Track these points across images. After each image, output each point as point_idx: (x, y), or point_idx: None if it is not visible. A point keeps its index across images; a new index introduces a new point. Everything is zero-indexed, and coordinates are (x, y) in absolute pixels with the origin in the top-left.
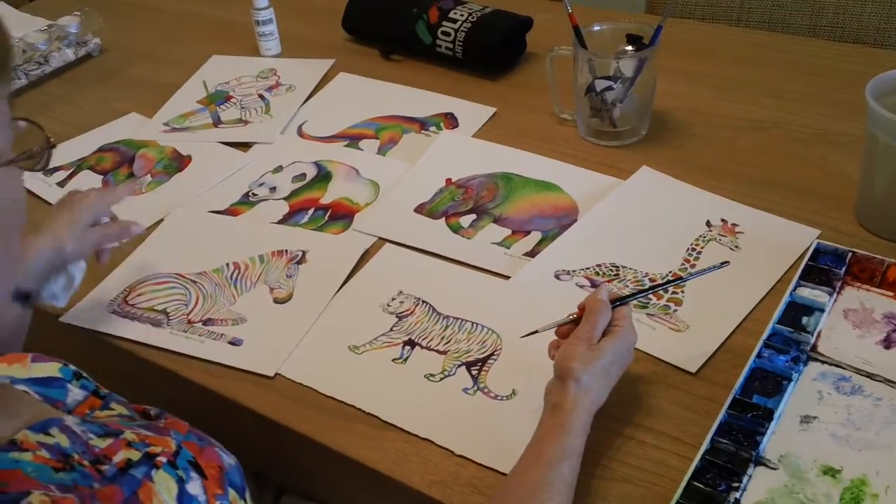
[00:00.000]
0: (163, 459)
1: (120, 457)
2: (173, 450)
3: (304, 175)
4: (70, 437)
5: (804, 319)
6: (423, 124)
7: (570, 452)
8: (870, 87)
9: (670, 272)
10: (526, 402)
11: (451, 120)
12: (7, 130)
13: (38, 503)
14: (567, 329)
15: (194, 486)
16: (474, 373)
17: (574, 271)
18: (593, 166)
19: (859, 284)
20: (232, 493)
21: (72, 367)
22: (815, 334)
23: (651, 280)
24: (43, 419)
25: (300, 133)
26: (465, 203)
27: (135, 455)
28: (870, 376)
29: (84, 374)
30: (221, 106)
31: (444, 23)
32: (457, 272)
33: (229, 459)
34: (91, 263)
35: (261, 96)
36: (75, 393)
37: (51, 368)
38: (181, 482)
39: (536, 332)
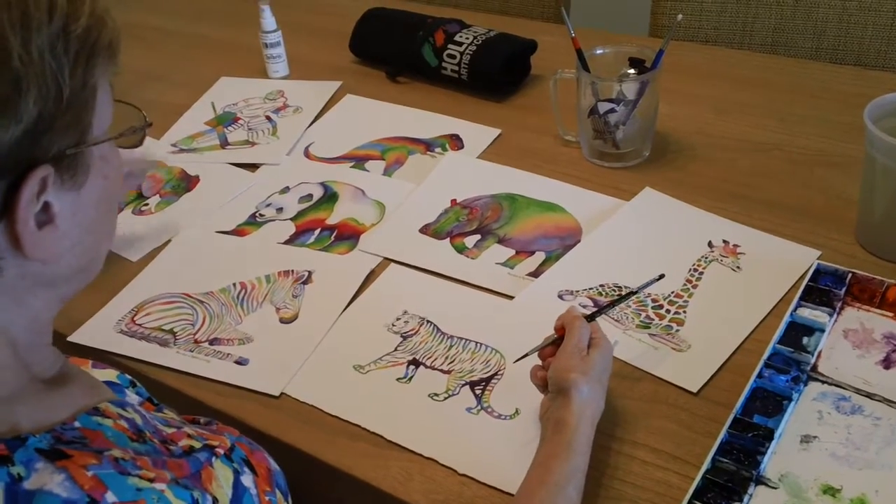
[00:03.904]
0: (220, 451)
1: (183, 442)
2: (228, 445)
3: (310, 196)
4: (142, 418)
5: (805, 339)
6: (428, 146)
7: (577, 472)
8: (868, 110)
9: (672, 292)
10: (529, 421)
11: (456, 141)
12: (110, 110)
13: (119, 455)
14: (548, 351)
15: (247, 480)
16: (478, 392)
17: (577, 291)
18: (597, 187)
19: (859, 305)
20: (278, 493)
21: (127, 375)
22: (816, 354)
23: (653, 300)
24: (119, 400)
25: (307, 154)
26: (469, 223)
27: (196, 444)
28: (869, 396)
29: (137, 383)
30: (229, 127)
31: (450, 46)
32: (461, 292)
33: (275, 465)
34: (98, 284)
35: (268, 118)
36: (131, 397)
37: (109, 374)
38: (237, 473)
39: (526, 355)
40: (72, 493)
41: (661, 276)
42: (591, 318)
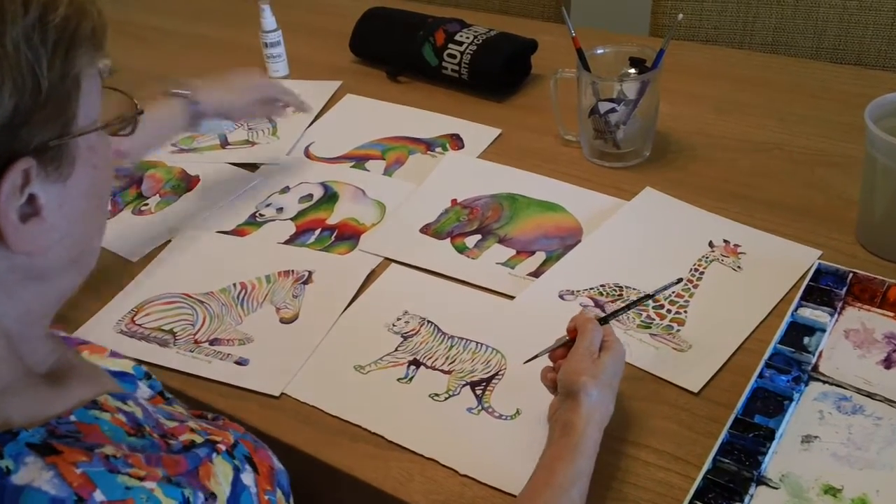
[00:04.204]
0: (222, 447)
1: (185, 437)
2: (231, 442)
3: (310, 196)
4: (143, 411)
5: (805, 339)
6: (428, 145)
7: (581, 475)
8: (869, 110)
9: (673, 292)
10: (530, 421)
11: (456, 141)
12: (98, 99)
13: (111, 452)
14: (559, 353)
15: (247, 478)
16: (478, 392)
17: (578, 291)
18: (597, 187)
19: (860, 305)
20: (279, 493)
21: (143, 367)
22: (817, 354)
23: (655, 300)
24: (121, 392)
25: (307, 154)
26: (470, 223)
27: (198, 439)
28: (870, 396)
29: (152, 376)
30: (229, 127)
31: (450, 45)
32: (462, 292)
33: (279, 465)
34: (98, 284)
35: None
36: (143, 390)
37: (125, 364)
38: (237, 471)
39: (536, 356)
40: (60, 490)
41: (680, 280)
42: (604, 320)
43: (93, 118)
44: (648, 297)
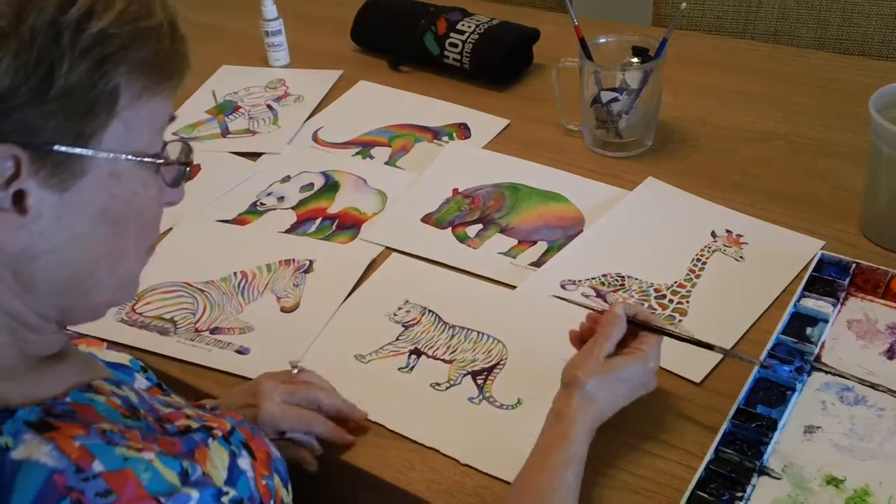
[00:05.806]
0: (218, 433)
1: (180, 422)
2: (228, 428)
3: (311, 185)
4: (138, 396)
5: (808, 330)
6: (435, 134)
7: (574, 459)
8: (873, 100)
9: (675, 282)
10: (531, 411)
11: (463, 130)
12: (151, 132)
13: (108, 427)
14: (587, 328)
15: (244, 462)
16: (480, 382)
17: (580, 281)
18: (599, 177)
19: (863, 295)
20: (277, 479)
21: (139, 361)
22: (819, 345)
23: (656, 290)
24: (115, 378)
25: (315, 139)
26: (471, 213)
27: (194, 424)
28: (873, 387)
29: (149, 369)
30: (230, 116)
31: (452, 34)
32: (463, 282)
33: (276, 452)
34: None
35: (269, 107)
36: (140, 381)
37: (122, 357)
38: (233, 456)
39: (567, 300)
40: (59, 462)
41: (759, 363)
42: (640, 327)
43: (130, 147)
44: (714, 349)
